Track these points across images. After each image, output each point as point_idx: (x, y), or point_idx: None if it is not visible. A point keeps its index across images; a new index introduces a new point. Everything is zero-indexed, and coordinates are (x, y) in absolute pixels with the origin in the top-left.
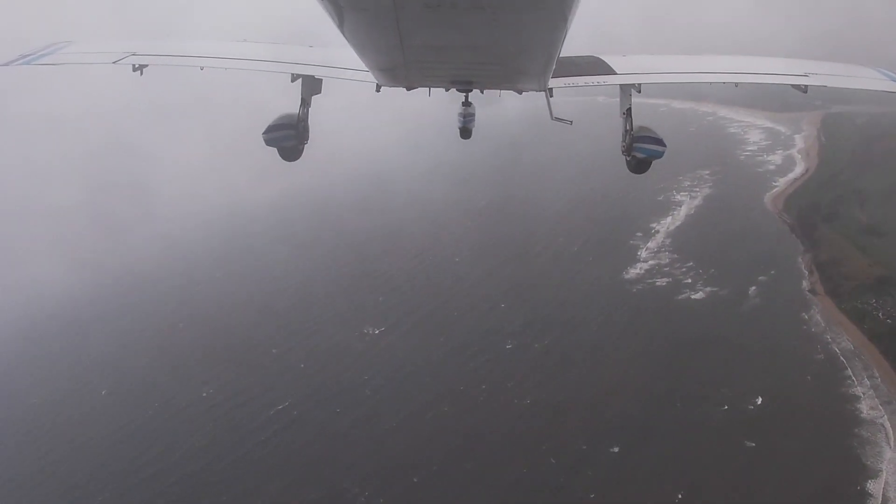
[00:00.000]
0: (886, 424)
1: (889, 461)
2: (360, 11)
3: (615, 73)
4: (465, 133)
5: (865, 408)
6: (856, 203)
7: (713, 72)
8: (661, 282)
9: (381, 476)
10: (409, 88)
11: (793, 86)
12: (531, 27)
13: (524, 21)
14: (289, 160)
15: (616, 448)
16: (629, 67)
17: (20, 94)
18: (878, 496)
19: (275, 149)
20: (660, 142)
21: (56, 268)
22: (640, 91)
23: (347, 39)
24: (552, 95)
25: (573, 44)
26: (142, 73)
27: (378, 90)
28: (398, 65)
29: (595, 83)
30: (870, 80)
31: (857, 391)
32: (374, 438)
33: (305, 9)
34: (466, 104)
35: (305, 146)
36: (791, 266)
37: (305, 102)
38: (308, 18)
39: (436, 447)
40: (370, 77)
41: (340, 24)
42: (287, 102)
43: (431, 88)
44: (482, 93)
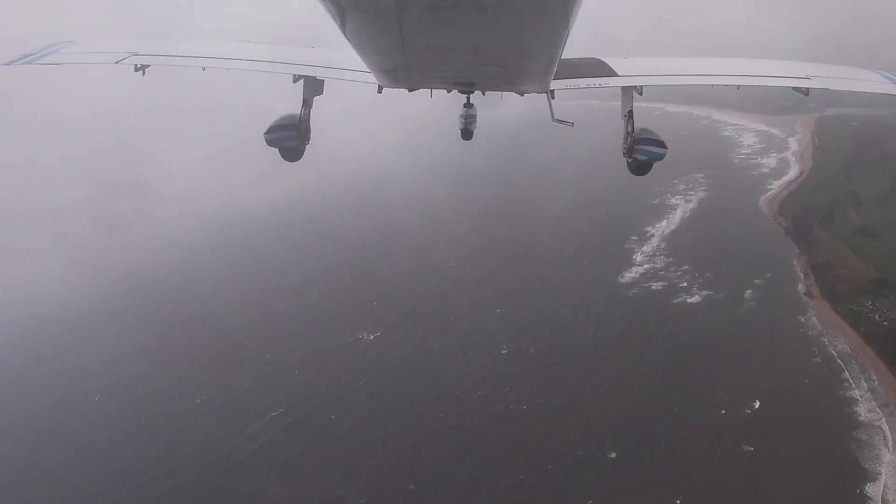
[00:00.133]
0: (884, 427)
1: (887, 464)
2: (362, 13)
3: (617, 76)
4: (467, 135)
5: (863, 411)
6: (850, 205)
7: (715, 74)
8: (657, 285)
9: (377, 483)
10: (411, 90)
11: (794, 88)
12: (533, 29)
13: (526, 23)
14: (290, 161)
15: (613, 453)
16: (631, 70)
17: (22, 94)
18: (878, 499)
19: (276, 149)
20: (661, 144)
21: (56, 268)
22: (642, 93)
23: (349, 40)
24: (554, 97)
25: (574, 46)
26: (143, 74)
27: (380, 91)
28: (400, 66)
29: (596, 85)
30: (871, 83)
31: (855, 394)
32: (370, 445)
33: (307, 10)
34: (468, 106)
35: (307, 147)
36: (786, 269)
37: (307, 103)
38: (310, 19)
39: (432, 454)
40: (372, 78)
41: (342, 26)
42: (289, 103)
43: (433, 90)
44: (484, 94)
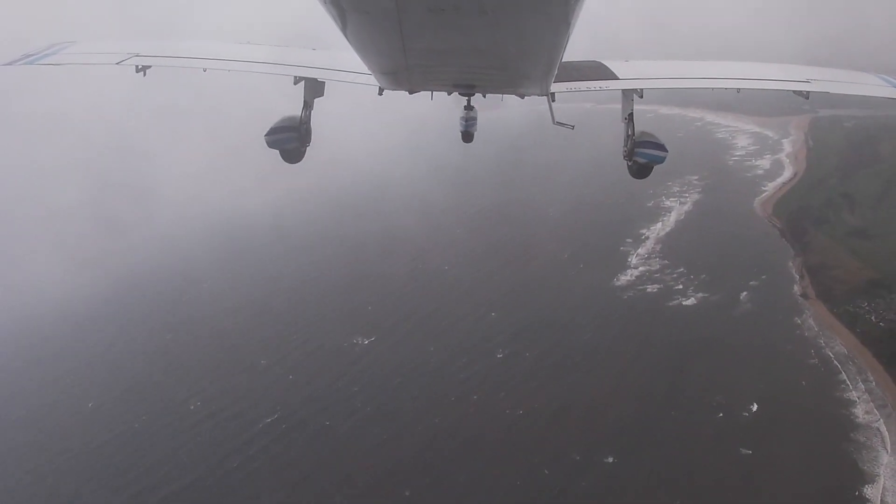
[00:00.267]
0: (882, 428)
1: (886, 465)
2: (363, 14)
3: (617, 79)
4: (467, 137)
5: (861, 412)
6: (845, 206)
7: (715, 77)
8: (653, 288)
9: (373, 490)
10: (412, 92)
11: (795, 92)
12: (534, 31)
13: (527, 25)
14: (291, 162)
15: (611, 457)
16: (631, 73)
17: (22, 95)
18: (877, 501)
19: (277, 151)
20: (661, 147)
21: (56, 268)
22: (643, 96)
23: (350, 42)
24: (554, 100)
25: (575, 48)
26: (145, 74)
27: (380, 93)
28: (400, 68)
29: (597, 88)
30: (871, 87)
31: (852, 395)
32: (365, 452)
33: (308, 11)
34: (468, 108)
35: (307, 148)
36: (782, 270)
37: (308, 105)
38: (311, 21)
39: (427, 460)
40: (372, 80)
41: (343, 27)
42: (289, 105)
43: (434, 92)
44: (484, 97)
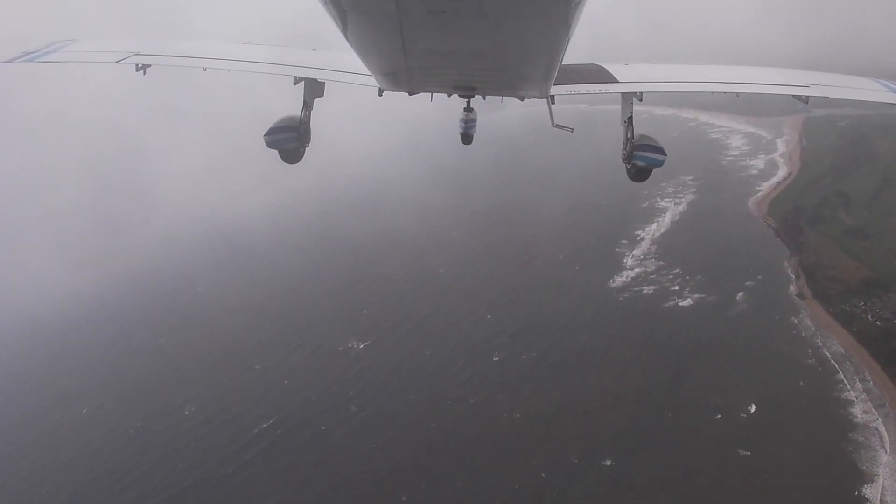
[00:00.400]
0: (880, 428)
1: (885, 465)
2: (364, 16)
3: (617, 82)
4: (467, 139)
5: (859, 412)
6: (840, 205)
7: (715, 81)
8: (649, 289)
9: (369, 496)
10: (412, 93)
11: (794, 96)
12: (534, 34)
13: (527, 28)
14: (290, 162)
15: (608, 461)
16: (631, 76)
17: (22, 93)
18: (876, 501)
19: (276, 151)
20: (660, 150)
21: (55, 268)
22: (642, 100)
23: (350, 43)
24: (554, 103)
25: (575, 49)
26: (145, 73)
27: (380, 94)
28: (400, 69)
29: (597, 91)
30: (870, 92)
31: (850, 395)
32: (361, 457)
33: (309, 12)
34: (468, 110)
35: (306, 149)
36: (777, 270)
37: (307, 105)
38: (311, 21)
39: (424, 464)
40: (373, 81)
41: (344, 28)
42: (289, 105)
43: (433, 94)
44: (484, 99)
